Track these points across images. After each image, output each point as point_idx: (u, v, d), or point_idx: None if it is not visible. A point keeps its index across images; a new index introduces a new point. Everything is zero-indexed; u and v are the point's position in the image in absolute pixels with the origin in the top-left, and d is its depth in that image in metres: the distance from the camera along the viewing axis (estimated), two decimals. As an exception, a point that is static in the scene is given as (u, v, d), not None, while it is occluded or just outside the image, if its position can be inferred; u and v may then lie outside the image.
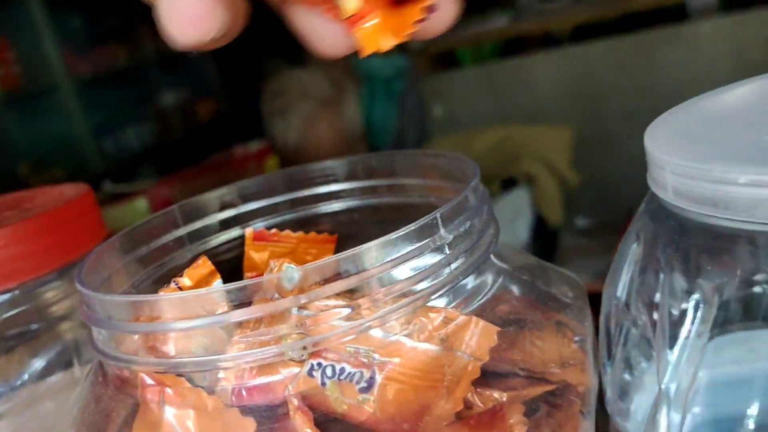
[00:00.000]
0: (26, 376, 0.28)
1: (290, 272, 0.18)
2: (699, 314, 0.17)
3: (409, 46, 2.08)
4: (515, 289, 0.22)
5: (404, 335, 0.19)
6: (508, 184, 1.77)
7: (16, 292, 0.29)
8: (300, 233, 0.28)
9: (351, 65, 2.11)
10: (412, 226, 0.19)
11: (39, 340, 0.30)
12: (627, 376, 0.23)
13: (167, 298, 0.19)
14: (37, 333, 0.31)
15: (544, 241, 1.52)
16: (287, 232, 0.28)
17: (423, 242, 0.19)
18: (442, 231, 0.20)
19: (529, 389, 0.21)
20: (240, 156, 1.83)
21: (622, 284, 0.22)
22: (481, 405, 0.20)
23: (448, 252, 0.20)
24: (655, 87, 1.73)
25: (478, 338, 0.20)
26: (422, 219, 0.19)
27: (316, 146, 1.40)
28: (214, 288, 0.19)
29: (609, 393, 0.23)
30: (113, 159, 2.28)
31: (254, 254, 0.28)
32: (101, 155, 2.24)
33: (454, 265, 0.20)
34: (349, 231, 0.28)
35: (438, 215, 0.20)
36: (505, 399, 0.20)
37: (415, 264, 0.19)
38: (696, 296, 0.17)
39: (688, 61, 1.68)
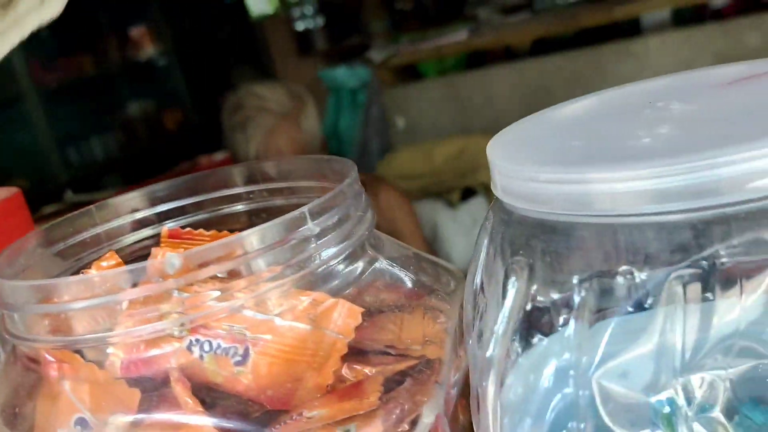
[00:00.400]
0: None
1: (172, 259, 0.21)
2: (514, 289, 0.20)
3: (372, 58, 2.11)
4: (386, 276, 0.25)
5: (275, 315, 0.22)
6: (468, 193, 1.82)
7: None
8: (213, 232, 0.31)
9: (315, 78, 2.14)
10: (282, 219, 0.22)
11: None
12: (481, 352, 0.26)
13: (63, 281, 0.21)
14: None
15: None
16: (200, 230, 0.31)
17: (292, 233, 0.22)
18: (310, 224, 0.23)
19: (394, 364, 0.24)
20: (205, 166, 1.85)
21: (477, 271, 0.25)
22: (352, 379, 0.23)
23: (315, 243, 0.23)
24: (608, 99, 1.79)
25: (344, 318, 0.23)
26: (291, 213, 0.22)
27: (275, 158, 1.44)
28: (105, 273, 0.21)
29: (471, 368, 0.26)
30: (77, 169, 2.29)
31: (169, 252, 0.31)
32: (65, 165, 2.24)
33: (323, 253, 0.23)
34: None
35: (306, 210, 0.23)
36: (373, 373, 0.23)
37: (286, 252, 0.22)
38: (513, 276, 0.20)
39: (637, 74, 1.74)
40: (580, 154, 0.20)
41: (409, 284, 0.26)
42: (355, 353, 0.23)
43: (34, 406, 0.22)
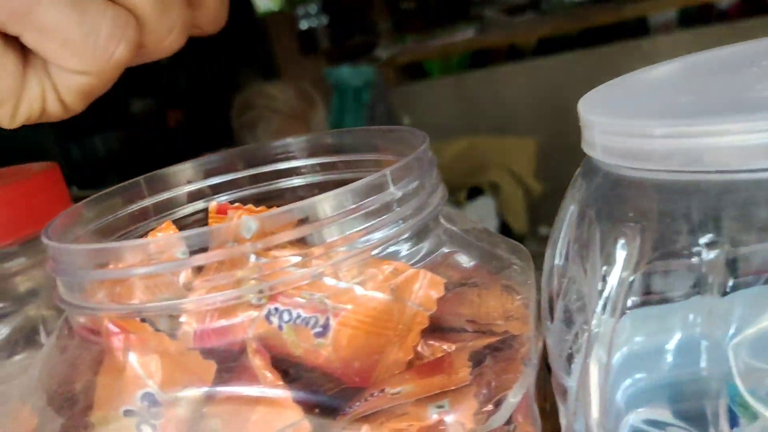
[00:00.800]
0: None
1: (248, 222, 0.20)
2: (624, 257, 0.19)
3: (378, 56, 2.10)
4: (462, 249, 0.24)
5: (356, 283, 0.20)
6: (474, 192, 1.81)
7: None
8: (262, 207, 0.30)
9: (321, 77, 2.13)
10: (363, 182, 0.21)
11: (3, 318, 0.31)
12: (567, 333, 0.24)
13: (129, 245, 0.20)
14: (2, 310, 0.31)
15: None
16: (249, 206, 0.30)
17: (373, 197, 0.21)
18: (391, 187, 0.21)
19: (475, 341, 0.22)
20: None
21: (561, 244, 0.24)
22: (430, 356, 0.22)
23: (396, 208, 0.21)
24: (617, 99, 1.78)
25: (426, 289, 0.21)
26: (372, 176, 0.21)
27: None
28: (175, 234, 0.20)
29: (551, 350, 0.25)
30: (78, 166, 2.27)
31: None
32: (66, 162, 2.22)
33: (402, 220, 0.21)
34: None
35: (388, 173, 0.21)
36: (453, 349, 0.22)
37: (366, 217, 0.21)
38: (621, 240, 0.19)
39: (648, 73, 1.73)
40: (695, 109, 0.18)
41: (486, 258, 0.24)
42: (433, 327, 0.22)
43: (94, 382, 0.21)
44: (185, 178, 0.29)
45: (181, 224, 0.29)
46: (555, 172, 1.88)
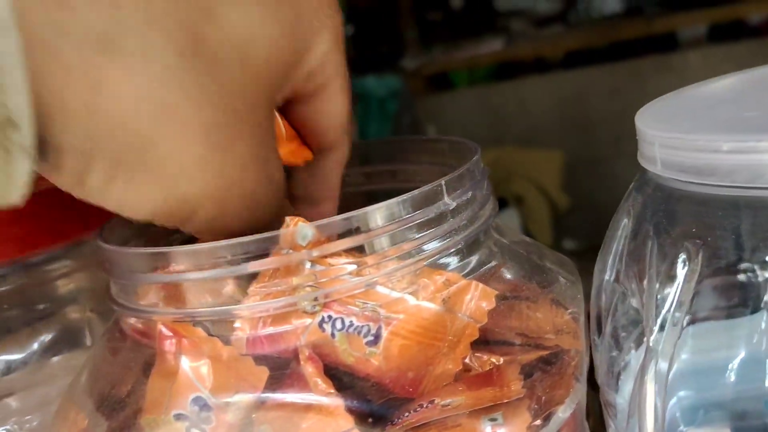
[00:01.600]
0: (35, 352, 0.29)
1: (304, 229, 0.20)
2: (685, 273, 0.18)
3: (403, 66, 2.11)
4: (512, 262, 0.23)
5: (408, 293, 0.20)
6: (499, 204, 1.80)
7: (22, 264, 0.30)
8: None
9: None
10: (418, 192, 0.21)
11: (45, 319, 0.31)
12: (616, 349, 0.24)
13: (185, 249, 0.20)
14: (44, 312, 0.32)
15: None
16: (293, 213, 0.30)
17: (428, 207, 0.21)
18: (446, 198, 0.21)
19: (525, 354, 0.22)
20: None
21: (612, 259, 0.23)
22: (478, 368, 0.22)
23: (450, 218, 0.21)
24: (645, 113, 1.76)
25: (477, 301, 0.21)
26: (428, 185, 0.21)
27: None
28: (231, 240, 0.20)
29: (599, 366, 0.25)
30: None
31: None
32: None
33: (456, 231, 0.21)
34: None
35: (443, 182, 0.21)
36: (501, 362, 0.22)
37: (419, 227, 0.21)
38: (683, 255, 0.18)
39: (676, 88, 1.72)
40: (761, 124, 0.18)
41: (535, 271, 0.24)
42: (483, 339, 0.22)
43: (144, 385, 0.21)
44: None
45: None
46: (580, 185, 1.87)
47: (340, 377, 0.20)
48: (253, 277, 0.20)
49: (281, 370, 0.20)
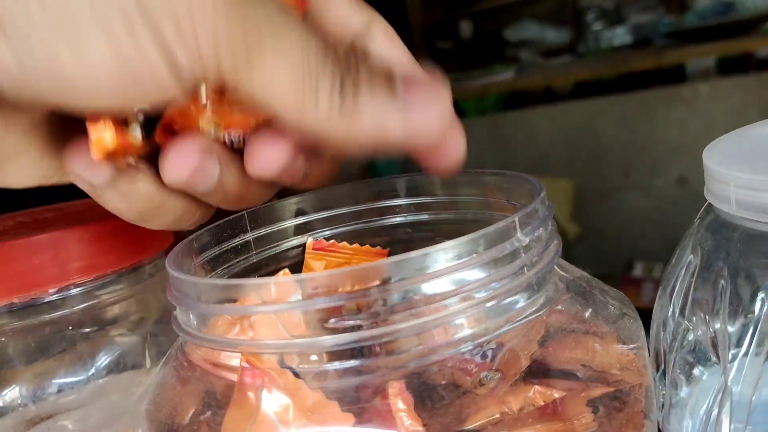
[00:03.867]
0: (90, 375, 0.29)
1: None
2: (763, 316, 0.19)
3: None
4: (578, 297, 0.24)
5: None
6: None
7: (81, 288, 0.30)
8: (355, 245, 0.30)
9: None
10: (492, 228, 0.21)
11: (101, 341, 0.31)
12: (679, 387, 0.24)
13: (262, 282, 0.20)
14: (100, 334, 0.32)
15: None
16: (344, 243, 0.30)
17: (502, 243, 0.21)
18: (519, 234, 0.21)
19: (591, 389, 0.22)
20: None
21: (675, 296, 0.24)
22: (542, 401, 0.22)
23: (522, 256, 0.21)
24: (654, 143, 1.78)
25: None
26: (502, 222, 0.21)
27: None
28: (312, 275, 0.20)
29: (660, 404, 0.25)
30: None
31: (312, 263, 0.30)
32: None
33: (527, 267, 0.22)
34: (402, 245, 0.30)
35: (516, 219, 0.21)
36: (566, 395, 0.22)
37: (492, 264, 0.21)
38: (762, 295, 0.19)
39: (686, 119, 1.73)
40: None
41: (599, 306, 0.24)
42: (547, 371, 0.22)
43: (218, 417, 0.21)
44: (287, 213, 0.29)
45: (280, 258, 0.30)
46: (589, 214, 1.87)
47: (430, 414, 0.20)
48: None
49: (356, 405, 0.20)
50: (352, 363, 0.20)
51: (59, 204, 0.35)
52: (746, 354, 0.19)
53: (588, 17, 2.50)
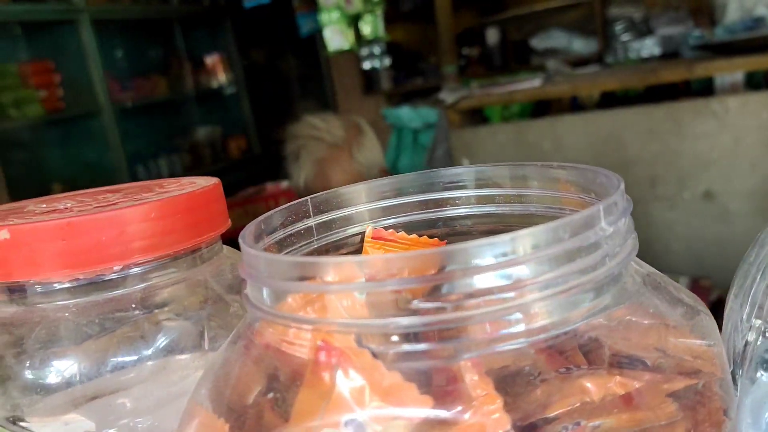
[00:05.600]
0: (149, 355, 0.29)
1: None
2: None
3: (444, 99, 2.12)
4: (655, 291, 0.23)
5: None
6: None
7: (142, 269, 0.30)
8: (413, 236, 0.30)
9: (377, 116, 2.15)
10: (577, 215, 0.21)
11: (158, 322, 0.31)
12: (744, 393, 0.24)
13: (341, 260, 0.20)
14: (155, 315, 0.31)
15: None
16: (402, 233, 0.30)
17: (587, 232, 0.21)
18: (603, 223, 0.21)
19: (670, 382, 0.22)
20: (271, 192, 1.87)
21: (752, 299, 0.23)
22: (622, 390, 0.21)
23: (605, 246, 0.21)
24: (682, 155, 1.76)
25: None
26: (586, 210, 0.21)
27: (323, 188, 1.45)
28: (391, 255, 0.20)
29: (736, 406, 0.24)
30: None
31: (371, 251, 0.30)
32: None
33: (609, 257, 0.21)
34: (461, 237, 0.30)
35: (601, 208, 0.21)
36: (643, 384, 0.21)
37: (576, 252, 0.21)
38: None
39: (715, 133, 1.72)
40: None
41: (675, 303, 0.24)
42: (622, 362, 0.21)
43: (291, 396, 0.21)
44: (349, 200, 0.29)
45: (339, 245, 0.30)
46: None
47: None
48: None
49: (435, 387, 0.20)
50: (430, 345, 0.20)
51: (116, 185, 0.36)
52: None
53: (616, 28, 2.49)
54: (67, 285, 0.28)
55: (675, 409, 0.20)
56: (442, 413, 0.19)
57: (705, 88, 2.17)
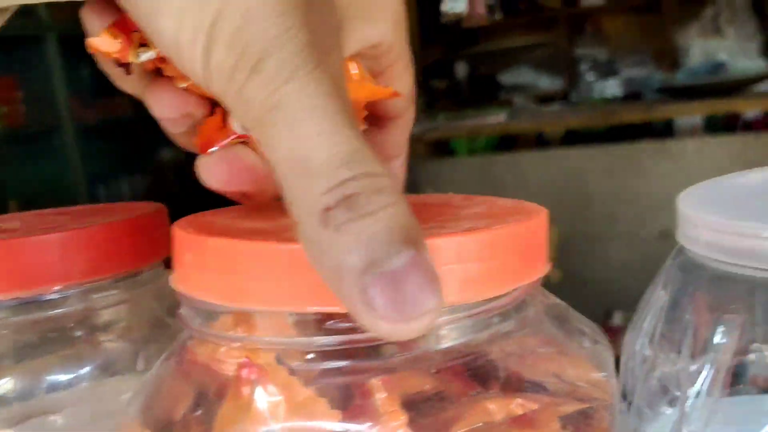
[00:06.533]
0: (83, 375, 0.30)
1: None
2: (724, 346, 0.20)
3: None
4: (556, 320, 0.25)
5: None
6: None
7: (80, 289, 0.31)
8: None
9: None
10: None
11: (93, 343, 0.32)
12: (645, 421, 0.26)
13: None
14: (91, 337, 0.33)
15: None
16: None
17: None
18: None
19: (562, 405, 0.24)
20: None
21: (645, 331, 0.25)
22: (520, 412, 0.23)
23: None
24: (640, 195, 1.81)
25: None
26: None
27: None
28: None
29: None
30: (104, 206, 2.29)
31: None
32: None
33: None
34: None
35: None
36: (536, 408, 0.23)
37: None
38: (721, 329, 0.20)
39: (672, 173, 1.77)
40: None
41: (574, 332, 0.26)
42: (520, 385, 0.23)
43: (214, 411, 0.22)
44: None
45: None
46: (573, 260, 1.89)
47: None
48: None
49: (344, 403, 0.21)
50: (342, 363, 0.22)
51: (63, 208, 0.37)
52: (703, 393, 0.21)
53: (582, 67, 2.56)
54: (7, 303, 0.29)
55: (560, 428, 0.22)
56: (351, 427, 0.21)
57: (666, 129, 2.23)
